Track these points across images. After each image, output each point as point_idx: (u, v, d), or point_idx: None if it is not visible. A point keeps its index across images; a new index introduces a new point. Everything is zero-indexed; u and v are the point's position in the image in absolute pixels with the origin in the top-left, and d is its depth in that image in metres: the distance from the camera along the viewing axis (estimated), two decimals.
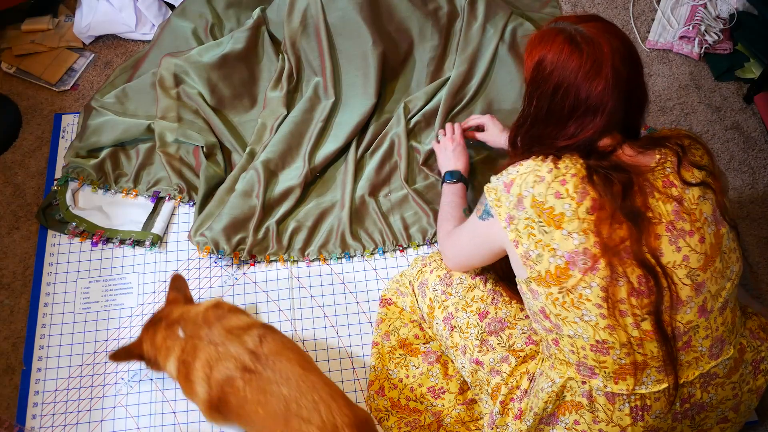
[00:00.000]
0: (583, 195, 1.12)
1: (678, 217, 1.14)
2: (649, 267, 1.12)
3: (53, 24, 2.21)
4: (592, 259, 1.12)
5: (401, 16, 2.03)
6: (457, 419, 1.51)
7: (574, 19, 1.20)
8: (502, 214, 1.21)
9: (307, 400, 1.29)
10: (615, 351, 1.16)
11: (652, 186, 1.15)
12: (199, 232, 1.79)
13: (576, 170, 1.14)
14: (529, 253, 1.17)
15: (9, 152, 1.98)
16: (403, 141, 1.94)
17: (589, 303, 1.14)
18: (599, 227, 1.11)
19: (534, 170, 1.16)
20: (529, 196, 1.15)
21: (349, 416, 1.28)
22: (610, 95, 1.14)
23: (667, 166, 1.16)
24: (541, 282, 1.17)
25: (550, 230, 1.14)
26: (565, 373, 1.24)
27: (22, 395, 1.61)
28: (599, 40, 1.15)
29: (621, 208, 1.11)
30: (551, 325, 1.21)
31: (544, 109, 1.20)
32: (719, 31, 2.19)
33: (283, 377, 1.31)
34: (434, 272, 1.55)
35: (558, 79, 1.16)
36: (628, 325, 1.14)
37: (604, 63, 1.14)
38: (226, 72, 2.03)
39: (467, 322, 1.45)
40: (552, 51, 1.17)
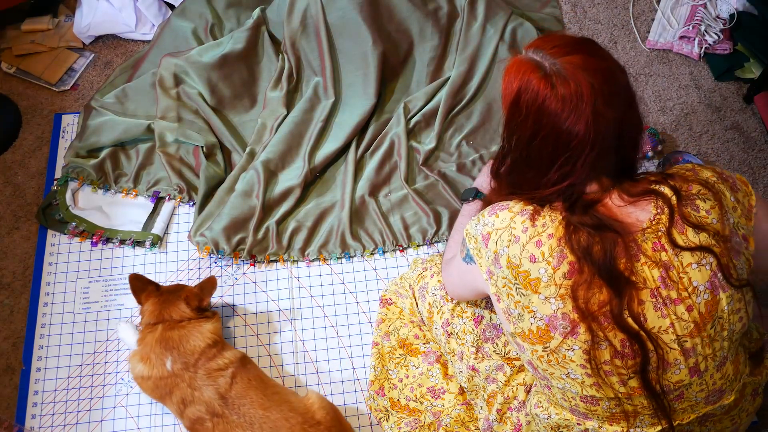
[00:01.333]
0: (560, 259, 1.04)
1: (664, 284, 1.04)
2: (632, 333, 1.04)
3: (53, 24, 2.21)
4: (572, 323, 1.05)
5: (401, 16, 2.03)
6: (457, 419, 1.51)
7: (555, 49, 1.07)
8: (483, 265, 1.14)
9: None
10: (605, 403, 1.12)
11: (639, 249, 1.05)
12: (199, 232, 1.79)
13: (554, 229, 1.05)
14: (510, 311, 1.11)
15: (9, 152, 1.98)
16: (403, 141, 1.94)
17: (573, 364, 1.08)
18: (576, 292, 1.03)
19: (510, 227, 1.08)
20: (505, 256, 1.08)
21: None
22: (592, 142, 1.03)
23: (661, 225, 1.05)
24: (526, 339, 1.11)
25: (527, 293, 1.07)
26: (561, 414, 1.21)
27: (21, 395, 1.61)
28: (579, 79, 1.03)
29: (599, 273, 1.02)
30: (540, 376, 1.17)
31: (523, 154, 1.11)
32: (719, 31, 2.19)
33: (248, 421, 1.43)
34: (435, 277, 1.55)
35: (534, 126, 1.07)
36: (615, 383, 1.09)
37: (584, 107, 1.02)
38: (226, 72, 2.03)
39: (463, 329, 1.44)
40: (527, 91, 1.06)
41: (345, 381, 1.65)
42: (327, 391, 1.63)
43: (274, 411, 1.44)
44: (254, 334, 1.70)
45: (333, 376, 1.65)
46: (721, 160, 2.01)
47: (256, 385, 1.48)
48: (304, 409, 1.46)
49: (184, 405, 1.46)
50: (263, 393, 1.47)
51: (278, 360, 1.67)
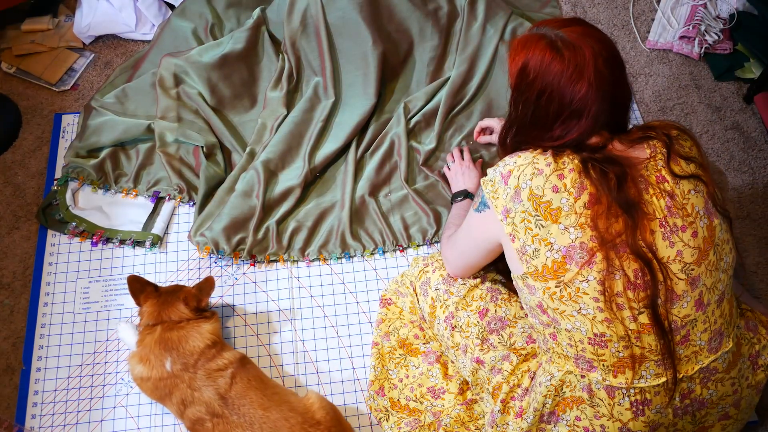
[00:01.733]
0: (581, 189, 1.14)
1: (670, 212, 1.15)
2: (645, 259, 1.13)
3: (53, 24, 2.21)
4: (589, 252, 1.13)
5: (401, 16, 2.03)
6: (457, 419, 1.51)
7: (556, 23, 1.21)
8: (498, 206, 1.21)
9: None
10: (613, 344, 1.17)
11: (646, 180, 1.16)
12: (199, 232, 1.79)
13: (574, 165, 1.15)
14: (526, 248, 1.18)
15: (9, 152, 1.98)
16: (403, 141, 1.94)
17: (587, 296, 1.15)
18: (596, 221, 1.12)
19: (533, 162, 1.17)
20: (527, 189, 1.16)
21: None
22: (593, 98, 1.16)
23: (659, 159, 1.17)
24: (538, 277, 1.18)
25: (547, 224, 1.15)
26: (564, 367, 1.25)
27: (21, 395, 1.61)
28: (580, 44, 1.16)
29: (617, 200, 1.12)
30: (549, 319, 1.22)
31: (530, 114, 1.22)
32: (719, 31, 2.19)
33: (248, 422, 1.43)
34: (437, 272, 1.55)
35: (541, 85, 1.18)
36: (626, 318, 1.15)
37: (585, 66, 1.15)
38: (226, 72, 2.03)
39: (468, 321, 1.45)
40: (534, 57, 1.19)
41: (345, 381, 1.65)
42: (327, 391, 1.63)
43: (273, 411, 1.44)
44: (254, 334, 1.70)
45: (333, 376, 1.65)
46: (721, 160, 2.01)
47: (256, 385, 1.49)
48: (303, 409, 1.46)
49: (184, 406, 1.46)
50: (263, 393, 1.47)
51: (278, 360, 1.67)
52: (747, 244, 1.86)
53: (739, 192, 1.95)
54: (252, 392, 1.47)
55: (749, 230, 1.88)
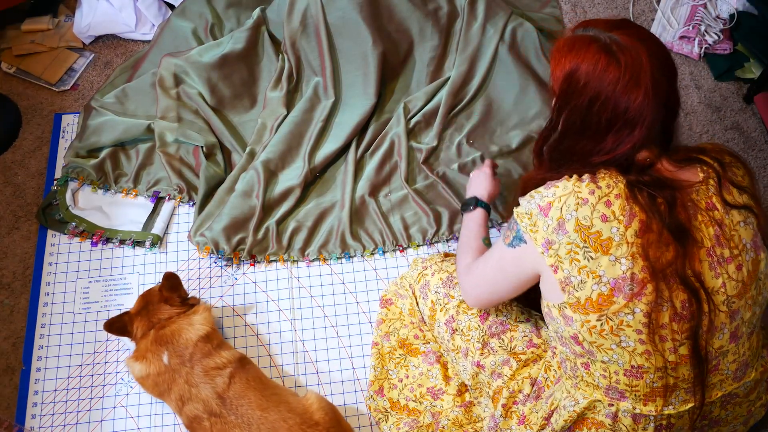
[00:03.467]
0: (631, 217, 1.07)
1: (718, 242, 1.10)
2: (693, 289, 1.08)
3: (53, 24, 2.21)
4: (639, 284, 1.07)
5: (401, 16, 2.04)
6: (455, 422, 1.50)
7: (604, 24, 1.14)
8: (538, 239, 1.13)
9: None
10: (649, 375, 1.14)
11: (695, 206, 1.10)
12: (199, 232, 1.79)
13: (619, 190, 1.09)
14: (570, 279, 1.11)
15: (9, 152, 1.98)
16: (403, 141, 1.94)
17: (629, 329, 1.10)
18: (647, 250, 1.07)
19: (574, 192, 1.10)
20: (573, 220, 1.09)
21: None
22: (649, 107, 1.09)
23: (711, 184, 1.11)
24: (578, 309, 1.12)
25: (596, 256, 1.08)
26: (591, 395, 1.21)
27: (21, 395, 1.61)
28: (636, 48, 1.09)
29: (668, 227, 1.07)
30: (583, 350, 1.17)
31: (578, 122, 1.14)
32: (719, 31, 2.19)
33: (245, 422, 1.42)
34: (436, 275, 1.54)
35: (594, 92, 1.10)
36: (666, 350, 1.11)
37: (642, 73, 1.08)
38: (226, 72, 2.03)
39: (468, 325, 1.44)
40: (586, 61, 1.11)
41: (345, 381, 1.65)
42: (327, 391, 1.63)
43: (272, 412, 1.44)
44: (254, 334, 1.70)
45: (333, 376, 1.65)
46: None
47: (255, 385, 1.48)
48: (302, 409, 1.46)
49: (183, 402, 1.46)
50: (261, 394, 1.47)
51: (278, 360, 1.67)
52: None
53: None
54: (250, 392, 1.46)
55: None
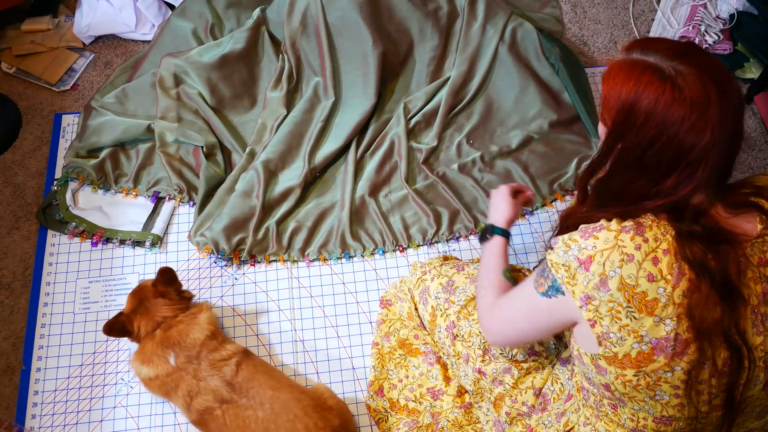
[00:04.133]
0: (679, 276, 0.99)
1: (764, 301, 1.02)
2: (736, 348, 1.02)
3: (53, 24, 2.21)
4: (682, 344, 1.01)
5: (401, 16, 2.04)
6: (454, 423, 1.50)
7: (666, 49, 1.02)
8: (576, 293, 1.04)
9: (282, 419, 1.41)
10: (678, 423, 1.09)
11: (748, 261, 1.02)
12: (199, 232, 1.79)
13: (668, 244, 1.00)
14: (609, 335, 1.04)
15: (9, 152, 1.98)
16: (403, 141, 1.94)
17: (667, 385, 1.04)
18: (693, 311, 0.99)
19: (618, 246, 1.00)
20: (617, 278, 1.00)
21: (324, 427, 1.41)
22: (715, 146, 0.99)
23: (767, 238, 1.03)
24: (614, 362, 1.05)
25: (640, 317, 1.00)
26: (615, 431, 1.17)
27: (21, 395, 1.61)
28: (705, 83, 0.98)
29: (718, 290, 0.99)
30: (613, 397, 1.11)
31: (634, 160, 1.04)
32: (719, 31, 2.19)
33: (258, 402, 1.43)
34: (435, 280, 1.54)
35: (656, 130, 1.00)
36: (701, 402, 1.06)
37: (710, 111, 0.98)
38: (226, 72, 2.03)
39: (470, 331, 1.43)
40: (647, 94, 1.00)
41: (345, 381, 1.64)
42: None
43: (284, 392, 1.44)
44: (254, 334, 1.70)
45: (333, 376, 1.65)
46: None
47: (263, 370, 1.49)
48: (315, 394, 1.48)
49: (191, 397, 1.46)
50: (270, 376, 1.48)
51: (278, 360, 1.67)
52: None
53: None
54: (259, 375, 1.47)
55: None
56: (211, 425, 1.46)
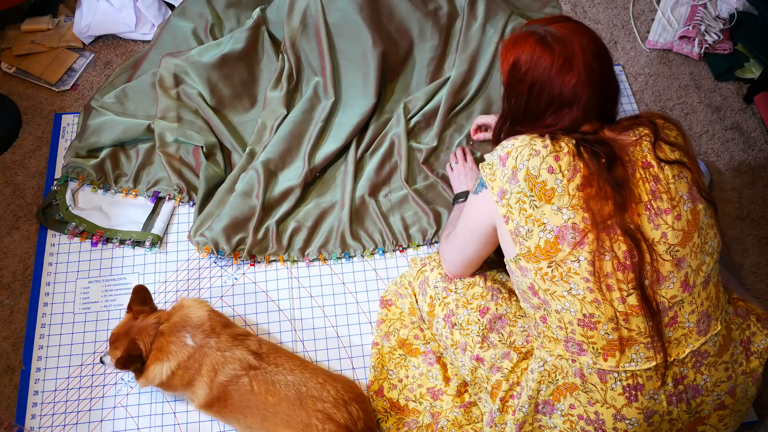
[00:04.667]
0: (574, 172, 1.17)
1: (654, 196, 1.19)
2: (634, 239, 1.17)
3: (53, 24, 2.21)
4: (581, 233, 1.17)
5: (401, 16, 2.04)
6: (454, 423, 1.50)
7: (545, 21, 1.27)
8: (495, 187, 1.24)
9: (313, 382, 1.46)
10: (602, 325, 1.20)
11: (633, 164, 1.20)
12: (199, 232, 1.79)
13: (569, 149, 1.19)
14: (519, 229, 1.21)
15: (9, 152, 1.98)
16: (403, 141, 1.94)
17: (577, 276, 1.18)
18: (588, 203, 1.17)
19: (530, 143, 1.21)
20: (524, 169, 1.20)
21: (351, 394, 1.48)
22: (583, 88, 1.21)
23: (644, 144, 1.21)
24: (530, 258, 1.21)
25: (540, 205, 1.18)
26: (554, 351, 1.27)
27: (21, 395, 1.61)
28: (569, 38, 1.22)
29: (608, 180, 1.17)
30: (539, 301, 1.25)
31: (522, 106, 1.27)
32: (719, 31, 2.19)
33: (287, 368, 1.48)
34: (435, 270, 1.55)
35: (532, 78, 1.24)
36: (614, 300, 1.18)
37: (574, 59, 1.21)
38: (226, 72, 2.03)
39: (468, 319, 1.45)
40: (525, 52, 1.24)
41: None
42: None
43: (309, 364, 1.54)
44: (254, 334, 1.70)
45: None
46: (721, 160, 2.01)
47: (283, 349, 1.56)
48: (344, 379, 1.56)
49: (215, 372, 1.46)
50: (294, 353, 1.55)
51: None
52: (747, 244, 1.86)
53: (739, 192, 1.95)
54: (284, 351, 1.55)
55: (749, 230, 1.88)
56: (234, 397, 1.45)
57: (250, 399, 1.45)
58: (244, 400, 1.45)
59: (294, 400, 1.44)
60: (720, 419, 1.31)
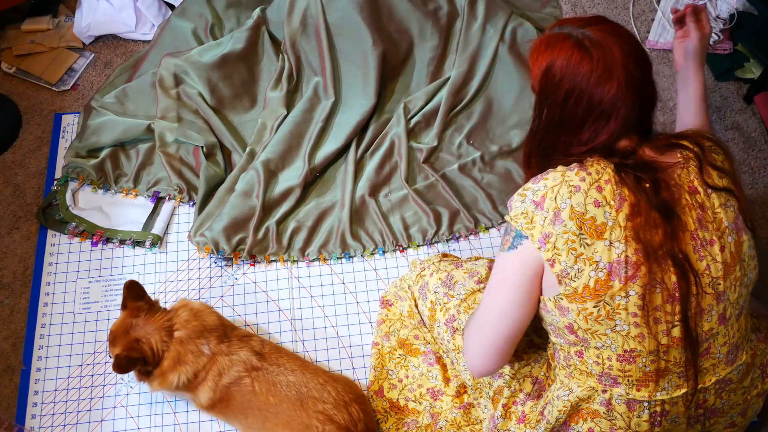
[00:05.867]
0: (621, 201, 1.09)
1: (701, 225, 1.12)
2: (683, 269, 1.10)
3: (53, 24, 2.21)
4: (633, 267, 1.09)
5: (401, 16, 2.04)
6: (453, 423, 1.50)
7: (579, 22, 1.17)
8: (535, 234, 1.13)
9: (314, 383, 1.47)
10: (641, 359, 1.15)
11: (679, 188, 1.12)
12: (199, 232, 1.79)
13: (608, 175, 1.11)
14: (567, 271, 1.11)
15: (9, 152, 1.98)
16: (403, 141, 1.94)
17: (625, 312, 1.11)
18: (638, 233, 1.09)
19: (565, 181, 1.12)
20: (567, 208, 1.10)
21: (352, 395, 1.49)
22: (623, 98, 1.11)
23: (691, 168, 1.14)
24: (575, 298, 1.12)
25: (592, 243, 1.10)
26: (585, 383, 1.21)
27: (21, 395, 1.61)
28: (608, 43, 1.12)
29: (656, 207, 1.09)
30: (577, 339, 1.18)
31: (557, 117, 1.17)
32: (719, 31, 2.19)
33: (288, 369, 1.48)
34: (434, 275, 1.55)
35: (569, 86, 1.14)
36: (659, 333, 1.13)
37: (614, 66, 1.11)
38: (226, 72, 2.03)
39: None
40: (560, 57, 1.14)
41: None
42: None
43: (310, 365, 1.54)
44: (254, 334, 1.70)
45: None
46: None
47: (285, 349, 1.58)
48: (345, 379, 1.56)
49: (221, 376, 1.46)
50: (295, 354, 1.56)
51: None
52: None
53: None
54: (286, 351, 1.56)
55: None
56: (236, 398, 1.46)
57: (251, 400, 1.45)
58: (245, 401, 1.45)
59: (295, 401, 1.44)
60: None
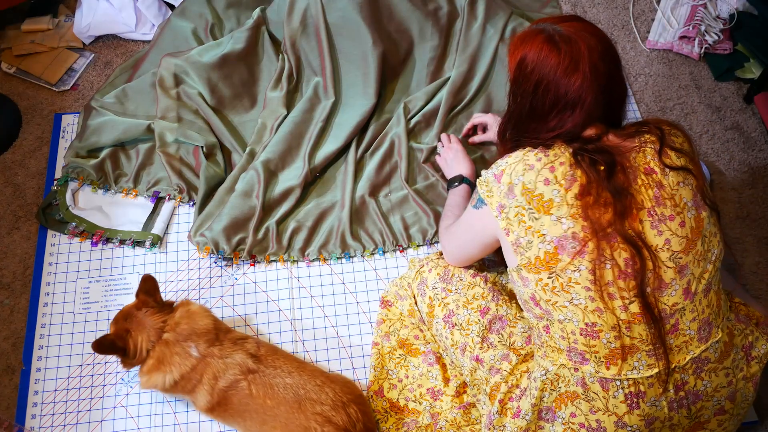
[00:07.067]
0: (571, 181, 1.17)
1: (658, 202, 1.18)
2: (635, 246, 1.16)
3: (53, 24, 2.21)
4: (581, 242, 1.16)
5: (401, 16, 2.04)
6: (453, 423, 1.50)
7: (554, 19, 1.26)
8: (493, 203, 1.25)
9: (312, 385, 1.46)
10: (604, 334, 1.20)
11: (635, 170, 1.19)
12: (199, 232, 1.79)
13: (565, 158, 1.19)
14: (520, 240, 1.22)
15: (9, 152, 1.98)
16: (403, 141, 1.94)
17: (578, 286, 1.18)
18: (587, 211, 1.16)
19: (523, 159, 1.21)
20: (520, 184, 1.20)
21: (350, 395, 1.48)
22: (588, 90, 1.19)
23: (648, 151, 1.21)
24: (531, 268, 1.21)
25: (539, 216, 1.18)
26: (557, 360, 1.26)
27: (21, 395, 1.61)
28: (576, 38, 1.20)
29: (607, 188, 1.16)
30: (541, 311, 1.25)
31: (527, 105, 1.26)
32: (719, 31, 2.19)
33: (285, 371, 1.47)
34: (433, 271, 1.56)
35: (538, 77, 1.22)
36: (617, 308, 1.18)
37: (581, 60, 1.19)
38: (226, 72, 2.03)
39: (468, 319, 1.45)
40: (532, 51, 1.23)
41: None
42: None
43: (307, 366, 1.52)
44: (254, 335, 1.70)
45: None
46: (721, 160, 2.01)
47: (281, 350, 1.57)
48: (343, 379, 1.55)
49: (216, 379, 1.45)
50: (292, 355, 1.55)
51: None
52: (747, 244, 1.86)
53: (739, 192, 1.95)
54: (282, 353, 1.55)
55: (749, 230, 1.88)
56: (233, 401, 1.45)
57: (248, 403, 1.45)
58: (243, 404, 1.45)
59: (292, 403, 1.43)
60: (719, 424, 1.31)
